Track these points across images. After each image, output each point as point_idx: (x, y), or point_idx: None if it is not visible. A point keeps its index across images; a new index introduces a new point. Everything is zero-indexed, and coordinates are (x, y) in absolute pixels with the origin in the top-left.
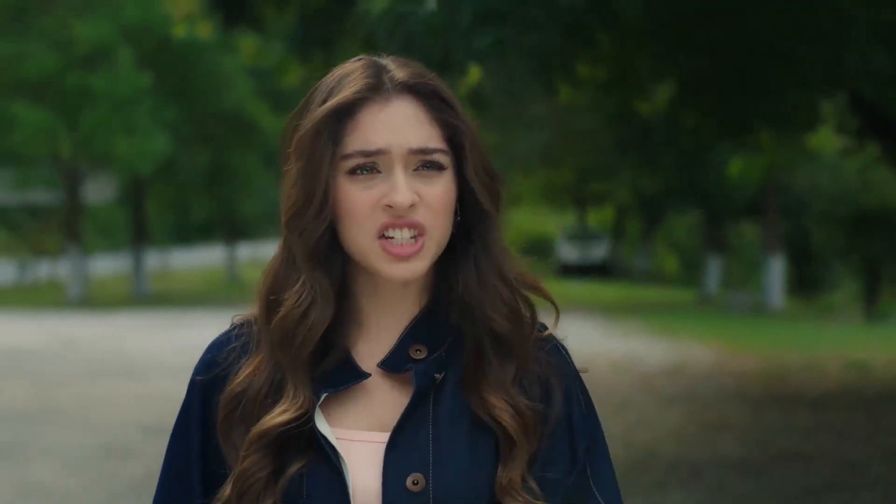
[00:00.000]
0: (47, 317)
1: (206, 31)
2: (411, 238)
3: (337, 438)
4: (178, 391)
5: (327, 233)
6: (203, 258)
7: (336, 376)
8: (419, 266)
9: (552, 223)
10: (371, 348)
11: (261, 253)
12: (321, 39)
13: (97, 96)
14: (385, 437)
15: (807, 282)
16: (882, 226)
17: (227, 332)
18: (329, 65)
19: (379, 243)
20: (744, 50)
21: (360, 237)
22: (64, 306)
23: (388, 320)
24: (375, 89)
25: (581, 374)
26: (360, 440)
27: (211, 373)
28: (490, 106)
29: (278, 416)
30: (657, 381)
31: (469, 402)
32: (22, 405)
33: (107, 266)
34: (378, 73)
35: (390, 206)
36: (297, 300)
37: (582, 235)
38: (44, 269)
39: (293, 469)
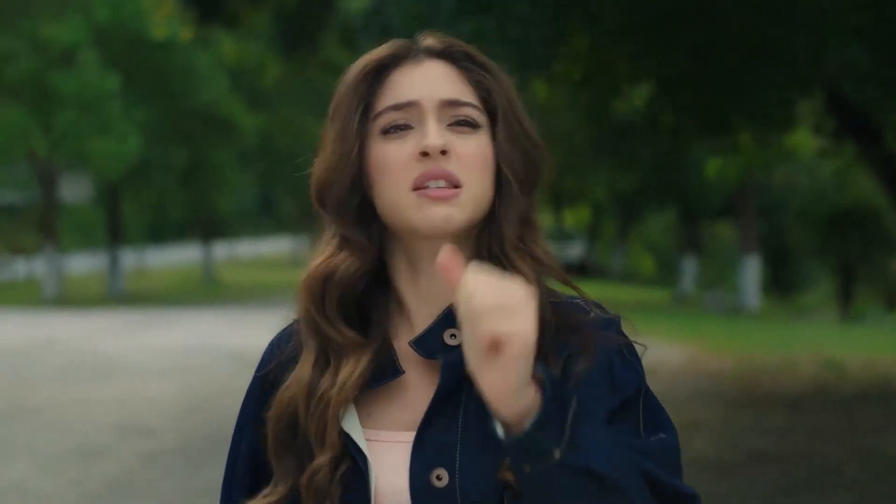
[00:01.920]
0: (23, 315)
1: (188, 33)
2: (446, 187)
3: (368, 440)
4: (153, 391)
5: (358, 195)
6: (179, 257)
7: (376, 371)
8: (455, 213)
9: None
10: (411, 336)
11: (237, 252)
12: (300, 36)
13: (66, 98)
14: (413, 435)
15: (782, 282)
16: (858, 226)
17: (283, 330)
18: (309, 63)
19: (414, 195)
20: (722, 48)
21: (396, 192)
22: (39, 305)
23: (429, 308)
24: (406, 51)
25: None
26: (390, 441)
27: (266, 368)
28: None
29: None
30: None
31: None
32: None
33: (83, 265)
34: (408, 43)
35: (424, 155)
36: (329, 253)
37: (557, 235)
38: (20, 268)
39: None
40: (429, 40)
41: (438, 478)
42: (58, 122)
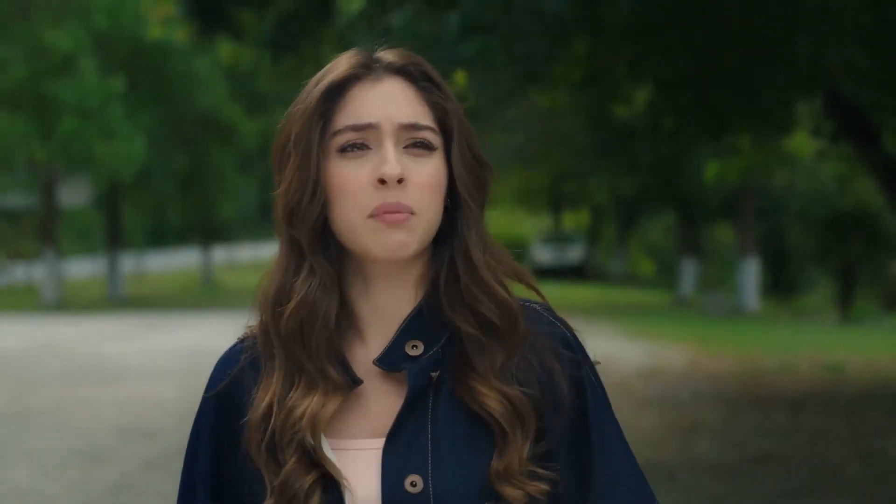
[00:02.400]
0: (23, 320)
1: (182, 35)
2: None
3: (335, 449)
4: (153, 394)
5: (321, 217)
6: (179, 261)
7: None
8: (409, 239)
9: (527, 225)
10: (367, 352)
11: (237, 256)
12: (295, 43)
13: (66, 106)
14: (381, 442)
15: (782, 284)
16: (858, 228)
17: (233, 348)
18: (303, 67)
19: (370, 221)
20: (723, 49)
21: (352, 215)
22: (39, 310)
23: (383, 322)
24: (365, 68)
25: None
26: (358, 448)
27: (217, 388)
28: (475, 114)
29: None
30: (632, 383)
31: (460, 393)
32: None
33: (82, 269)
34: (368, 57)
35: (381, 182)
36: (307, 289)
37: (557, 238)
38: (19, 273)
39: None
40: (389, 56)
41: (413, 484)
42: (59, 130)
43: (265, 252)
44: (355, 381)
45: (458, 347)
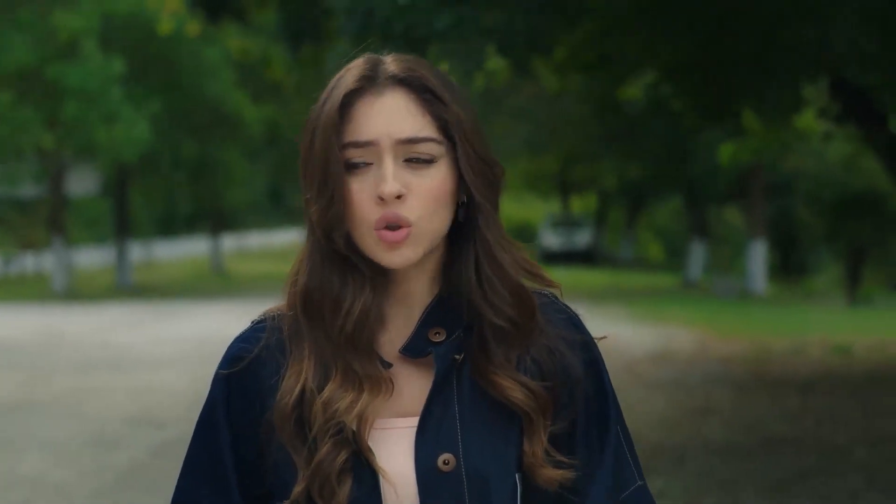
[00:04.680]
0: (33, 309)
1: (194, 30)
2: (399, 228)
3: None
4: (163, 383)
5: (345, 223)
6: (188, 249)
7: None
8: (411, 252)
9: (535, 210)
10: (391, 338)
11: (246, 244)
12: (305, 30)
13: (70, 89)
14: (412, 421)
15: (791, 266)
16: (867, 210)
17: (253, 327)
18: (317, 57)
19: (374, 234)
20: (728, 32)
21: (360, 228)
22: (49, 299)
23: (403, 310)
24: (369, 81)
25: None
26: (389, 428)
27: (236, 366)
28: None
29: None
30: (642, 366)
31: (481, 383)
32: (9, 397)
33: (92, 258)
34: (374, 66)
35: (381, 197)
36: (364, 296)
37: (565, 222)
38: (29, 262)
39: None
40: (392, 66)
41: (445, 462)
42: (64, 114)
43: (275, 239)
44: (385, 366)
45: (477, 337)
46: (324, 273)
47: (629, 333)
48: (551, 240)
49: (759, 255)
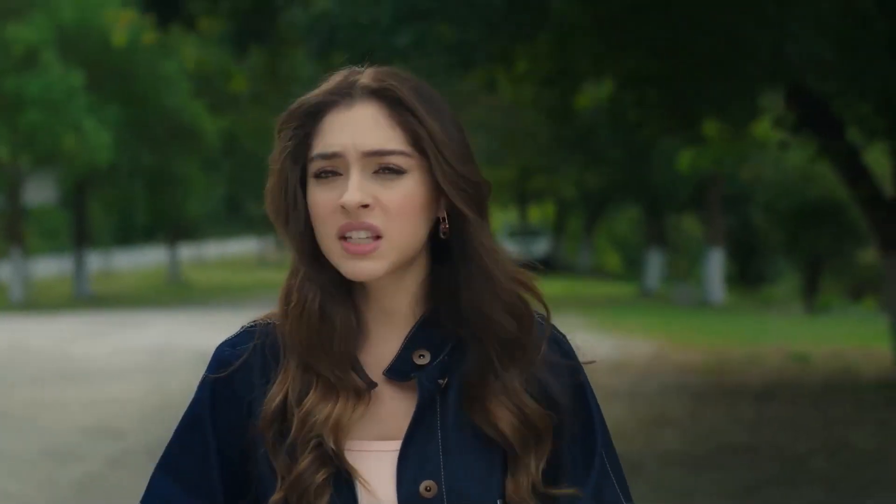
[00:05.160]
0: None
1: (150, 38)
2: (367, 239)
3: (348, 450)
4: (121, 393)
5: (308, 233)
6: (146, 259)
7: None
8: (376, 266)
9: (493, 220)
10: (375, 357)
11: (203, 254)
12: (252, 35)
13: (30, 101)
14: (394, 445)
15: (748, 275)
16: (825, 219)
17: (242, 332)
18: (273, 65)
19: (339, 244)
20: (684, 42)
21: (325, 237)
22: (6, 309)
23: (387, 328)
24: (341, 93)
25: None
26: (371, 450)
27: (223, 370)
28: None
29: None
30: (599, 375)
31: (471, 414)
32: None
33: (49, 268)
34: (349, 79)
35: (343, 206)
36: (308, 296)
37: (523, 232)
38: None
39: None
40: (365, 78)
41: (427, 489)
42: (22, 125)
43: (232, 249)
44: (370, 385)
45: (467, 359)
46: (306, 284)
47: (587, 342)
48: (509, 249)
49: (716, 264)
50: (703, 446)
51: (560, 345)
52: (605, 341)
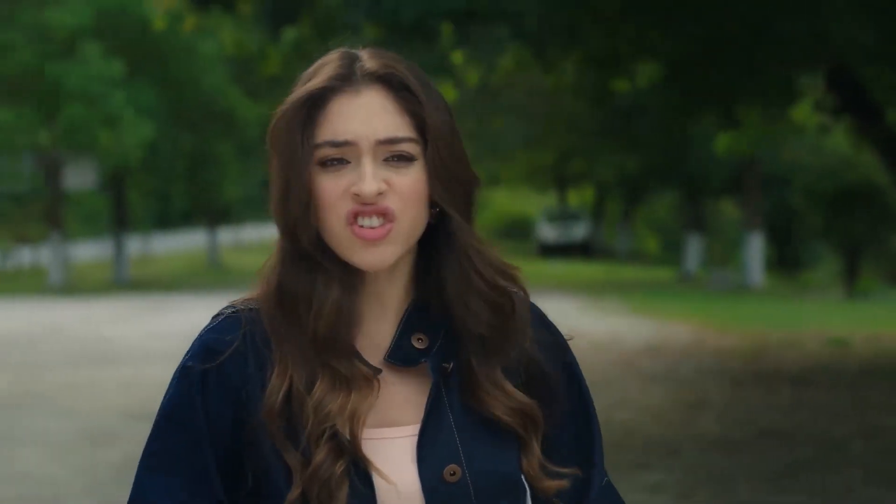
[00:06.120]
0: (29, 303)
1: (190, 24)
2: (379, 224)
3: (361, 439)
4: (159, 376)
5: (315, 221)
6: (184, 243)
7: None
8: (388, 251)
9: (532, 204)
10: (369, 343)
11: (242, 237)
12: (290, 13)
13: (70, 92)
14: (404, 431)
15: (787, 259)
16: (864, 203)
17: (226, 319)
18: (302, 46)
19: (350, 229)
20: (726, 26)
21: (332, 224)
22: (46, 293)
23: (378, 314)
24: (346, 79)
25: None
26: (383, 438)
27: (213, 359)
28: (463, 81)
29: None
30: (637, 359)
31: (471, 400)
32: (5, 392)
33: (88, 252)
34: (350, 63)
35: (358, 195)
36: (332, 294)
37: (562, 216)
38: (26, 256)
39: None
40: (369, 62)
41: (452, 473)
42: (63, 116)
43: (270, 232)
44: (376, 372)
45: (461, 345)
46: (294, 272)
47: (625, 326)
48: (548, 233)
49: (755, 249)
50: (740, 430)
51: (544, 322)
52: (644, 325)
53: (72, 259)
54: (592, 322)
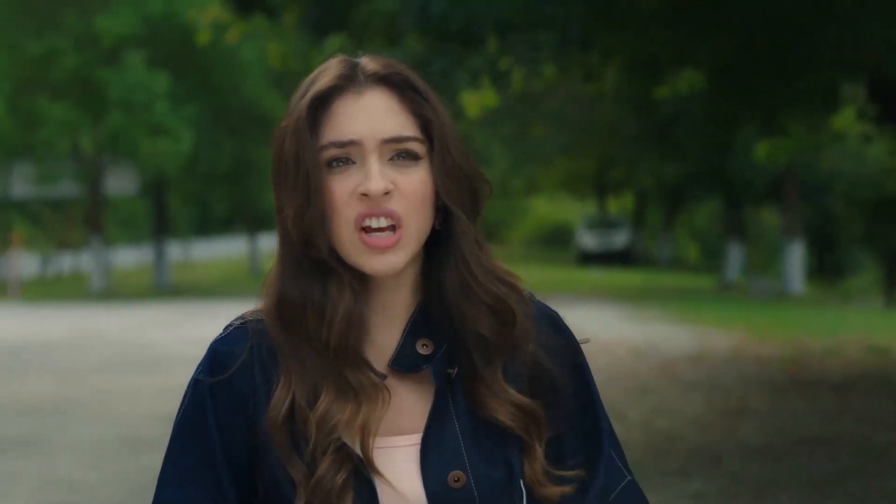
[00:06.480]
0: (70, 309)
1: (233, 36)
2: (388, 228)
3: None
4: None
5: (325, 225)
6: (225, 250)
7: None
8: (398, 258)
9: (572, 211)
10: (377, 349)
11: None
12: (336, 21)
13: (113, 102)
14: (410, 439)
15: (828, 267)
16: None
17: (234, 331)
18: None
19: (358, 235)
20: (766, 32)
21: (341, 228)
22: (87, 298)
23: (384, 319)
24: (349, 79)
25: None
26: (387, 447)
27: (223, 372)
28: (509, 85)
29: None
30: (678, 367)
31: (474, 406)
32: (46, 398)
33: (129, 258)
34: (352, 66)
35: (365, 195)
36: (345, 304)
37: (602, 223)
38: (67, 262)
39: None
40: (371, 65)
41: (456, 480)
42: (106, 123)
43: None
44: (380, 377)
45: (464, 350)
46: (302, 282)
47: (666, 334)
48: (588, 241)
49: (796, 256)
50: (782, 438)
51: (556, 325)
52: (684, 333)
53: (112, 265)
54: (632, 330)
